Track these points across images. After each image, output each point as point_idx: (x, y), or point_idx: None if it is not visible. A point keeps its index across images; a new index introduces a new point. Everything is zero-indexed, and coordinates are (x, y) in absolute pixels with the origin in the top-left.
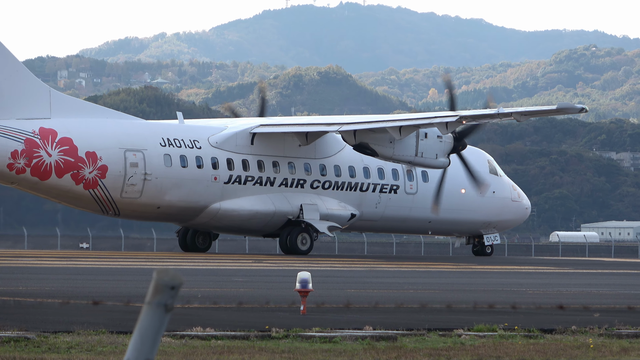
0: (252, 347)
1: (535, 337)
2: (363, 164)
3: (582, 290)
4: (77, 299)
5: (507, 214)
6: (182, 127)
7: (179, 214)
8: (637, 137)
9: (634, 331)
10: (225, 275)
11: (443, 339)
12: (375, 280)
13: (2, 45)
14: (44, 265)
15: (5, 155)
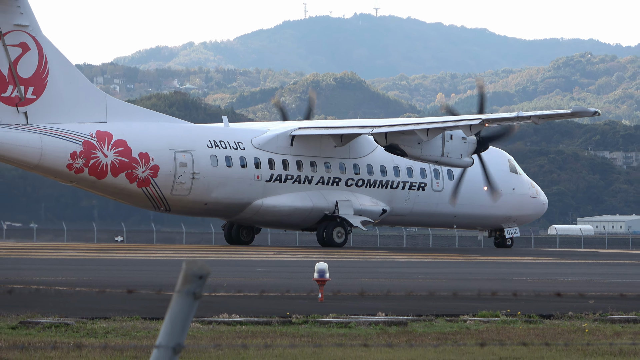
0: (274, 331)
1: (535, 322)
2: (393, 163)
3: (578, 279)
4: (112, 288)
5: (526, 209)
6: (227, 130)
7: (224, 210)
8: (628, 138)
9: (626, 317)
10: (249, 265)
11: (450, 324)
12: (387, 270)
13: (62, 55)
14: (82, 257)
15: (65, 156)
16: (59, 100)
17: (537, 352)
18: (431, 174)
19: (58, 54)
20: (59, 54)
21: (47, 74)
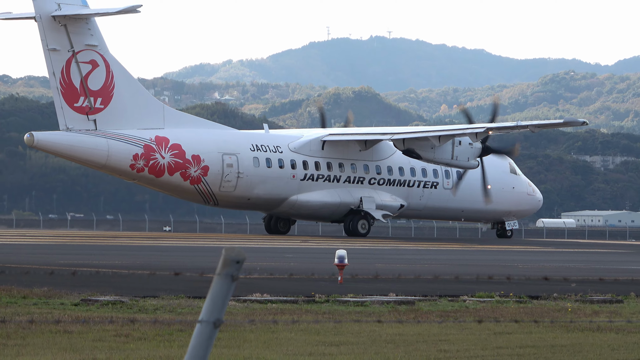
0: (299, 309)
1: (525, 302)
2: (410, 165)
3: (562, 265)
4: (161, 271)
5: (524, 205)
6: (268, 135)
7: (264, 204)
8: (606, 144)
9: (603, 298)
10: (279, 252)
11: (451, 303)
12: (398, 256)
13: (126, 71)
14: (135, 244)
15: (129, 157)
16: (123, 110)
17: (527, 328)
18: (442, 174)
19: (122, 70)
20: (123, 70)
21: (113, 87)
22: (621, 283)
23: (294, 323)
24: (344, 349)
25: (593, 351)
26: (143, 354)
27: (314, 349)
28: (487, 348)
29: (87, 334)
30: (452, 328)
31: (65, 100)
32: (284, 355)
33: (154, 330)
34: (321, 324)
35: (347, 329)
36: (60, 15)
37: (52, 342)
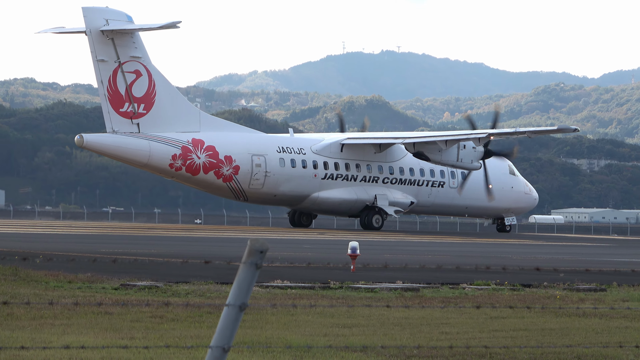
0: (316, 294)
1: (518, 290)
2: (419, 166)
3: (551, 257)
4: (192, 259)
5: (521, 203)
6: (292, 139)
7: (289, 200)
8: (592, 149)
9: (588, 286)
10: (298, 243)
11: (452, 290)
12: (404, 248)
13: (166, 80)
14: (170, 234)
15: (168, 157)
16: (163, 114)
17: (520, 313)
18: (448, 175)
19: (162, 78)
20: (163, 78)
21: (154, 94)
22: (605, 273)
23: (311, 307)
24: (356, 331)
25: (579, 334)
26: (176, 334)
27: (329, 330)
28: (484, 331)
29: (125, 315)
30: (452, 313)
31: (112, 105)
32: (301, 336)
33: (186, 313)
34: (335, 308)
35: (359, 312)
36: (108, 30)
37: (95, 322)
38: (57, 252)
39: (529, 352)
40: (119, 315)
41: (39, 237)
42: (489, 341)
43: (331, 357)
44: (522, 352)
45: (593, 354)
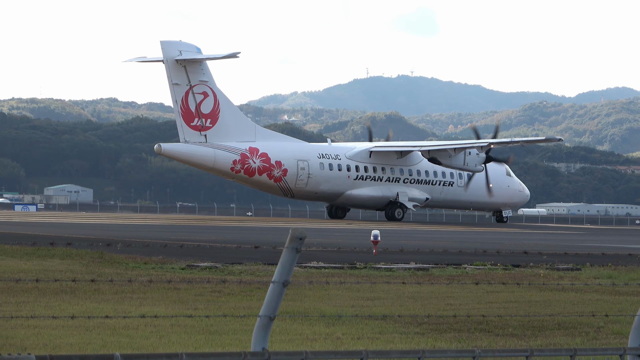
0: (345, 273)
1: (509, 269)
2: (433, 169)
3: (536, 243)
4: (245, 244)
5: (516, 199)
6: (330, 147)
7: (327, 197)
8: (569, 155)
9: (566, 266)
10: (330, 232)
11: (456, 270)
12: (417, 235)
13: (228, 99)
14: (226, 224)
15: (229, 162)
16: (226, 127)
17: (510, 288)
18: (457, 176)
19: (225, 98)
20: (225, 98)
21: (219, 111)
22: (580, 256)
23: (340, 283)
24: (377, 303)
25: (559, 305)
26: (231, 305)
27: (355, 302)
28: (482, 302)
29: (190, 290)
30: (456, 288)
31: (184, 120)
32: (333, 307)
33: (239, 288)
34: (360, 284)
35: (380, 288)
36: (182, 59)
37: (165, 296)
38: (134, 239)
39: (518, 320)
40: (185, 290)
41: (120, 227)
42: (486, 311)
43: (357, 324)
44: (512, 320)
45: (570, 321)
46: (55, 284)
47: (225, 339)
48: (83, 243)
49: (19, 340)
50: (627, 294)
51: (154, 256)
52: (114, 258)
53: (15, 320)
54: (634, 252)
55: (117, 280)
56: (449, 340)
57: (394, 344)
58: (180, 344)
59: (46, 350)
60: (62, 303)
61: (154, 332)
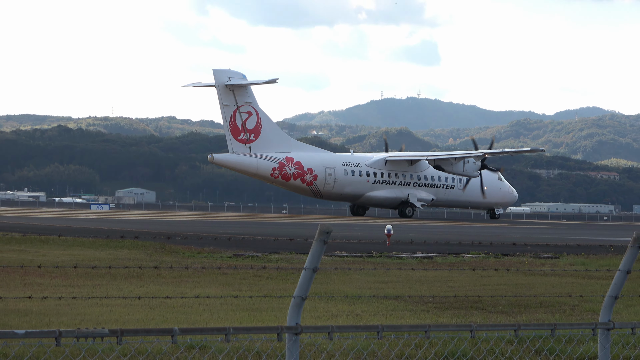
0: (363, 260)
1: (500, 257)
2: (437, 174)
3: (522, 235)
4: (281, 237)
5: (506, 199)
6: (352, 156)
7: (351, 198)
8: (548, 163)
9: (547, 255)
10: (352, 227)
11: (455, 258)
12: (423, 229)
13: (268, 117)
14: (264, 220)
15: (269, 169)
16: (266, 140)
17: (501, 274)
18: (457, 180)
19: (266, 116)
20: (266, 116)
21: (260, 127)
22: (558, 246)
23: (360, 270)
24: (390, 285)
25: (541, 287)
26: (270, 287)
27: (372, 285)
28: (477, 285)
29: (236, 274)
30: (456, 273)
31: (232, 135)
32: (354, 289)
33: (277, 273)
34: (377, 270)
35: (392, 273)
36: (230, 85)
37: (215, 279)
38: (190, 233)
39: (507, 300)
40: (231, 275)
41: (178, 223)
42: (480, 292)
43: (374, 303)
44: (502, 299)
45: (550, 301)
46: (125, 270)
47: (265, 315)
48: (147, 236)
49: (94, 317)
50: (598, 278)
51: (206, 247)
52: (172, 248)
53: (91, 300)
54: (603, 244)
55: (175, 267)
56: (450, 317)
57: (404, 320)
58: (228, 320)
59: (117, 325)
60: (130, 286)
61: (206, 310)
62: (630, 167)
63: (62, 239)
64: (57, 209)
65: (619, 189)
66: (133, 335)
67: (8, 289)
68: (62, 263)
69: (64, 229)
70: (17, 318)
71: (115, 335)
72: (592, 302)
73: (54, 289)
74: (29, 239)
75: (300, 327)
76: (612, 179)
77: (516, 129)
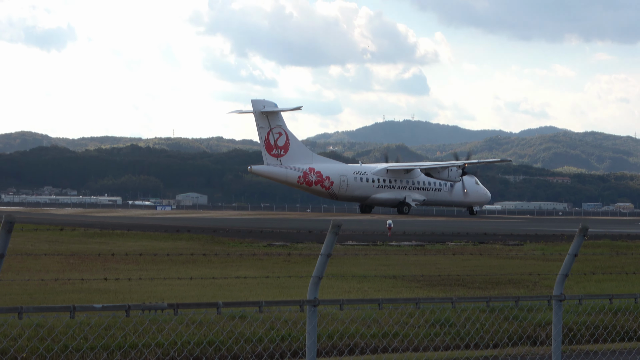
0: (369, 248)
1: (477, 244)
2: (428, 180)
3: (494, 227)
4: (303, 230)
5: (482, 199)
6: (361, 166)
7: (360, 199)
8: (515, 170)
9: (514, 242)
10: (360, 222)
11: (442, 245)
12: (416, 223)
13: (294, 136)
14: (291, 217)
15: (296, 177)
16: (294, 155)
17: (477, 257)
18: (443, 185)
19: (293, 136)
20: (293, 136)
21: (289, 144)
22: (522, 236)
23: (365, 255)
24: (390, 267)
25: (509, 268)
26: (296, 269)
27: (377, 267)
28: (458, 267)
29: (269, 260)
30: (441, 258)
31: (267, 150)
32: (361, 270)
33: (301, 258)
34: (380, 255)
35: (392, 257)
36: (265, 111)
37: (252, 264)
38: (233, 227)
39: (482, 278)
40: (266, 260)
41: (224, 220)
42: (461, 272)
43: (378, 281)
44: (478, 277)
45: (517, 278)
46: (181, 257)
47: (291, 291)
48: (199, 230)
49: (157, 294)
50: (554, 260)
51: (246, 238)
52: (220, 240)
53: (155, 280)
54: (557, 233)
55: (220, 254)
56: (437, 292)
57: (401, 294)
58: (263, 295)
59: (175, 300)
60: (185, 269)
61: (245, 288)
62: (579, 174)
63: (133, 233)
64: (130, 210)
65: (570, 190)
66: (186, 308)
67: (91, 272)
68: (131, 252)
69: (134, 225)
70: (98, 295)
71: (172, 308)
72: (549, 279)
73: (126, 272)
74: (107, 233)
75: (318, 300)
76: (565, 182)
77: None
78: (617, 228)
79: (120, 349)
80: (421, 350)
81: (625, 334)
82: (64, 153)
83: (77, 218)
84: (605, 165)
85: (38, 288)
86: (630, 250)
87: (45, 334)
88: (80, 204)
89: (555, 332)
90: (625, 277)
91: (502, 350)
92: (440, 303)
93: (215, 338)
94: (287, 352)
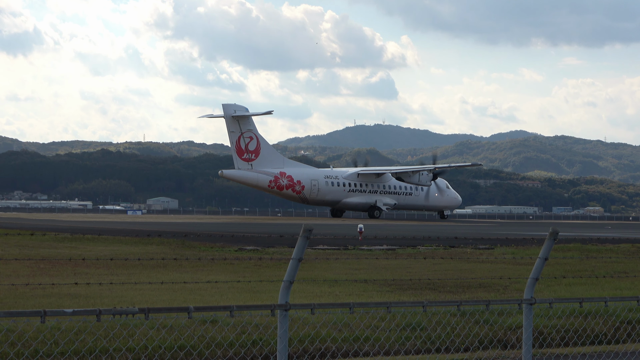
0: (340, 252)
1: (448, 248)
2: (399, 184)
3: (465, 231)
4: (274, 235)
5: (452, 203)
6: (332, 170)
7: (331, 203)
8: (485, 174)
9: (484, 246)
10: (331, 226)
11: (413, 249)
12: (387, 227)
13: (265, 140)
14: (262, 222)
15: (267, 181)
16: (264, 159)
17: (448, 261)
18: (414, 189)
19: (264, 140)
20: (264, 140)
21: (260, 149)
22: (493, 240)
23: (336, 259)
24: (362, 271)
25: (480, 272)
26: (267, 273)
27: (348, 271)
28: (430, 271)
29: (240, 264)
30: (412, 261)
31: (238, 155)
32: (333, 274)
33: (272, 263)
34: (351, 259)
35: (363, 262)
36: (236, 116)
37: (223, 268)
38: (204, 232)
39: (453, 282)
40: (237, 264)
41: (194, 224)
42: (432, 276)
43: (349, 285)
44: (449, 281)
45: (487, 282)
46: (152, 261)
47: (263, 296)
48: (170, 234)
49: (128, 298)
50: (524, 264)
51: (217, 242)
52: (190, 244)
53: (126, 285)
54: (527, 237)
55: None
56: (408, 296)
57: (372, 298)
58: (234, 299)
59: (147, 304)
60: (156, 274)
61: (217, 292)
62: (549, 178)
63: (104, 238)
64: (100, 214)
65: (540, 194)
66: (158, 312)
67: (61, 277)
68: (102, 256)
69: (105, 229)
70: (69, 300)
71: (143, 312)
72: (520, 283)
73: (97, 277)
74: (78, 237)
75: (289, 304)
76: (535, 186)
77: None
78: (587, 232)
79: (91, 354)
80: (392, 354)
81: (596, 337)
82: (34, 157)
83: (48, 223)
84: (576, 170)
85: (8, 293)
86: (600, 254)
87: (16, 339)
88: (50, 209)
89: (526, 335)
90: (595, 281)
91: (473, 354)
92: (411, 307)
93: (187, 342)
94: (259, 356)
